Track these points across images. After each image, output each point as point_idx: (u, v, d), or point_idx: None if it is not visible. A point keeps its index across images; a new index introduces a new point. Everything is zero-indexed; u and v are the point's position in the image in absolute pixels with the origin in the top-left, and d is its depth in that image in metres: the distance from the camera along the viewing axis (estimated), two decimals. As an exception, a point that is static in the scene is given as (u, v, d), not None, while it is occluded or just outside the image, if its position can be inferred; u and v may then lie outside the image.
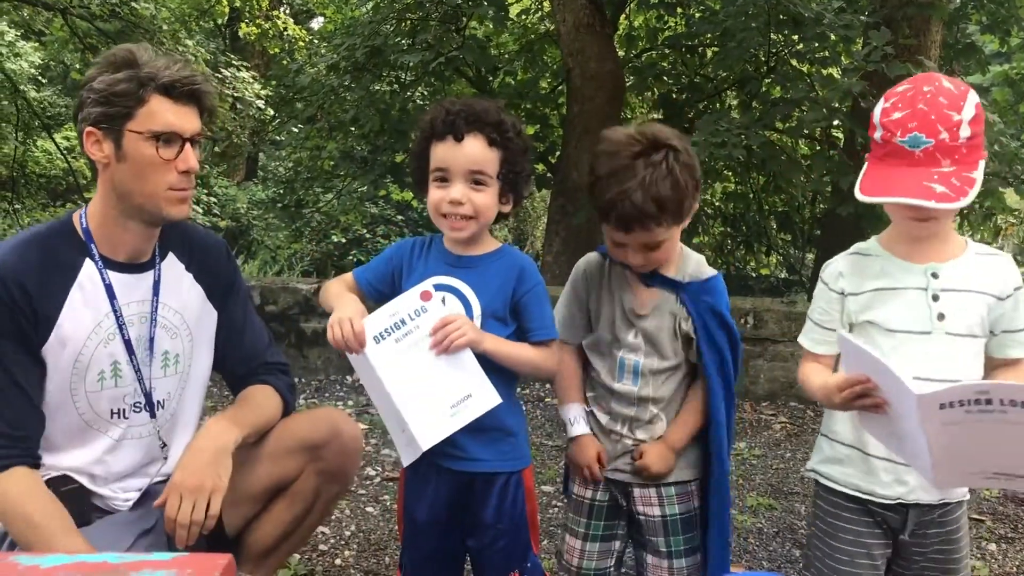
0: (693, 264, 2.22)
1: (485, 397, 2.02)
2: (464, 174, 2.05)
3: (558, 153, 8.36)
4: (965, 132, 1.81)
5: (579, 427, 2.25)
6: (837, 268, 2.08)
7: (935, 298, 1.93)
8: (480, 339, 2.01)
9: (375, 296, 2.20)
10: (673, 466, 2.19)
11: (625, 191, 2.01)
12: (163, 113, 1.98)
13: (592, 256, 2.32)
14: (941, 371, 1.89)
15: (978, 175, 1.82)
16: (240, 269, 2.42)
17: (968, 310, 1.93)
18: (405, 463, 2.09)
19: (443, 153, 2.06)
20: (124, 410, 2.14)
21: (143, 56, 2.00)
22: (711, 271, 2.23)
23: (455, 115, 2.04)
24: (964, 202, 1.78)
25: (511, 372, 2.14)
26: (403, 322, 1.99)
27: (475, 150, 2.04)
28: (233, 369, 2.36)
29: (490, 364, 2.04)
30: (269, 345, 2.41)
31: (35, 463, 2.01)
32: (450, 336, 1.97)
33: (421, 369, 1.99)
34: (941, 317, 1.92)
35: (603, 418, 2.25)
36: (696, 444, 2.24)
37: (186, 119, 2.02)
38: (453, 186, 2.05)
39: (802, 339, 2.16)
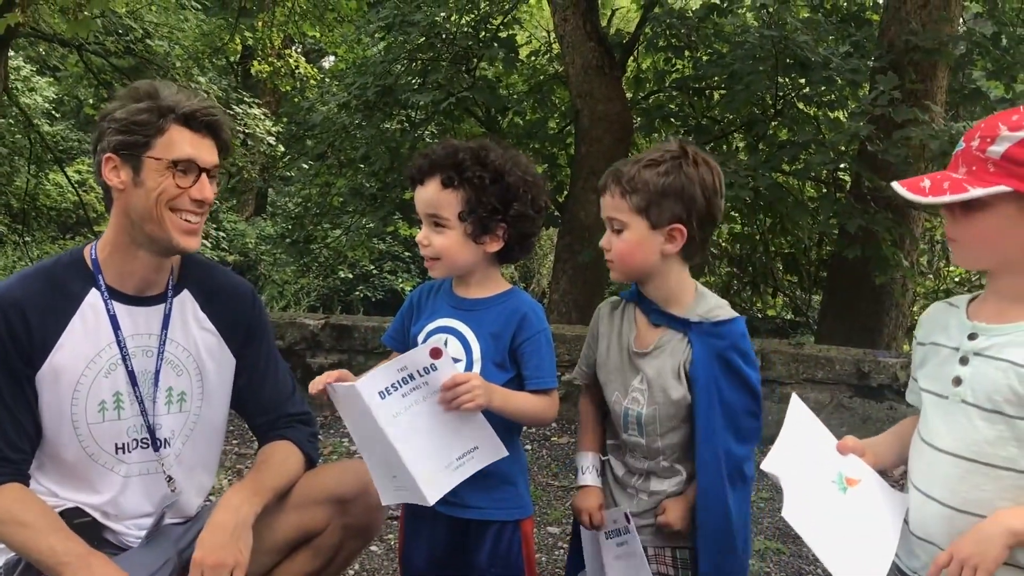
0: (708, 305, 2.09)
1: (490, 450, 2.02)
2: (425, 217, 2.10)
3: (566, 192, 8.41)
4: (999, 148, 1.59)
5: (586, 477, 2.20)
6: (923, 314, 1.90)
7: (963, 361, 1.70)
8: (489, 400, 1.98)
9: (402, 349, 2.23)
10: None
11: (628, 160, 2.07)
12: (181, 143, 2.02)
13: (612, 299, 2.27)
14: (952, 445, 1.70)
15: (981, 193, 1.59)
16: (267, 317, 2.39)
17: (991, 380, 1.64)
18: (385, 501, 2.07)
19: (415, 197, 2.13)
20: (127, 444, 2.13)
21: (164, 90, 2.05)
22: (728, 313, 2.09)
23: (420, 159, 2.11)
24: (924, 200, 1.65)
25: (508, 421, 2.12)
26: (411, 377, 1.95)
27: (429, 193, 2.08)
28: (253, 418, 2.36)
29: (494, 414, 2.03)
30: (292, 394, 2.38)
31: (26, 481, 2.06)
32: (460, 399, 1.94)
33: (427, 423, 1.96)
34: (957, 382, 1.70)
35: (619, 470, 2.18)
36: None
37: (204, 150, 2.06)
38: (422, 229, 2.11)
39: None
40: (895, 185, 1.70)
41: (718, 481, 2.03)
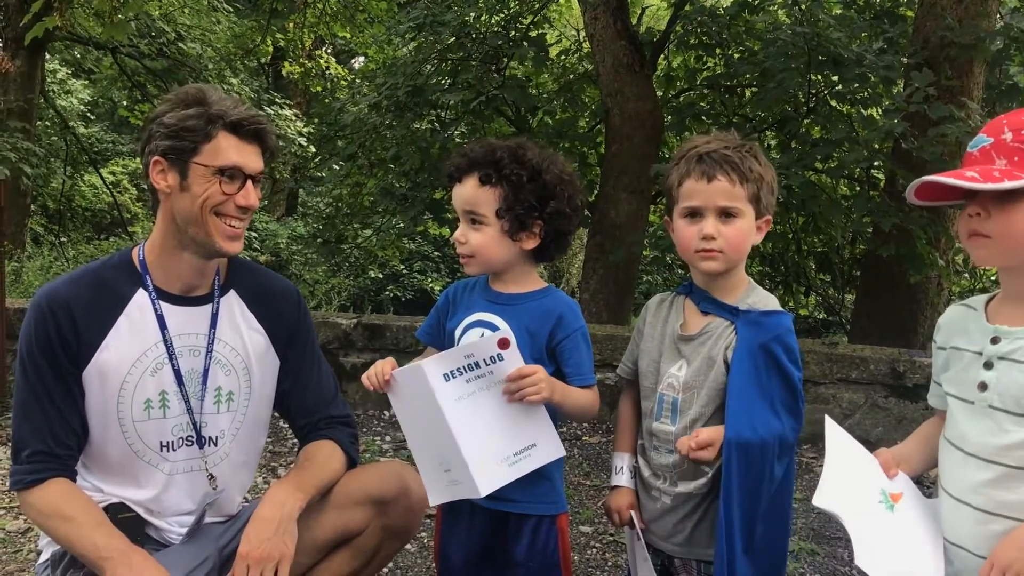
0: (757, 296, 2.07)
1: (550, 449, 2.03)
2: (462, 214, 2.13)
3: (596, 192, 8.38)
4: None
5: (619, 478, 2.19)
6: (941, 318, 1.90)
7: (987, 365, 1.70)
8: (552, 394, 2.01)
9: (435, 343, 2.27)
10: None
11: (709, 143, 2.03)
12: (228, 150, 2.04)
13: (660, 294, 2.25)
14: (982, 449, 1.69)
15: None
16: (311, 320, 2.41)
17: (1018, 384, 1.64)
18: (433, 502, 2.09)
19: (452, 195, 2.16)
20: (173, 443, 2.16)
21: (212, 95, 2.07)
22: (777, 307, 2.06)
23: (459, 158, 2.14)
24: (990, 187, 1.59)
25: (554, 415, 2.14)
26: (477, 365, 1.97)
27: (467, 190, 2.11)
28: (296, 420, 2.38)
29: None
30: (334, 397, 2.40)
31: (72, 477, 2.11)
32: (525, 391, 1.97)
33: (487, 413, 1.98)
34: (983, 387, 1.69)
35: (645, 471, 2.15)
36: None
37: (250, 157, 2.08)
38: (460, 226, 2.14)
39: None
40: (939, 178, 1.68)
41: (736, 468, 1.95)
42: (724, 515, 1.95)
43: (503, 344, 1.96)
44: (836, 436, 1.91)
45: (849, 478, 1.84)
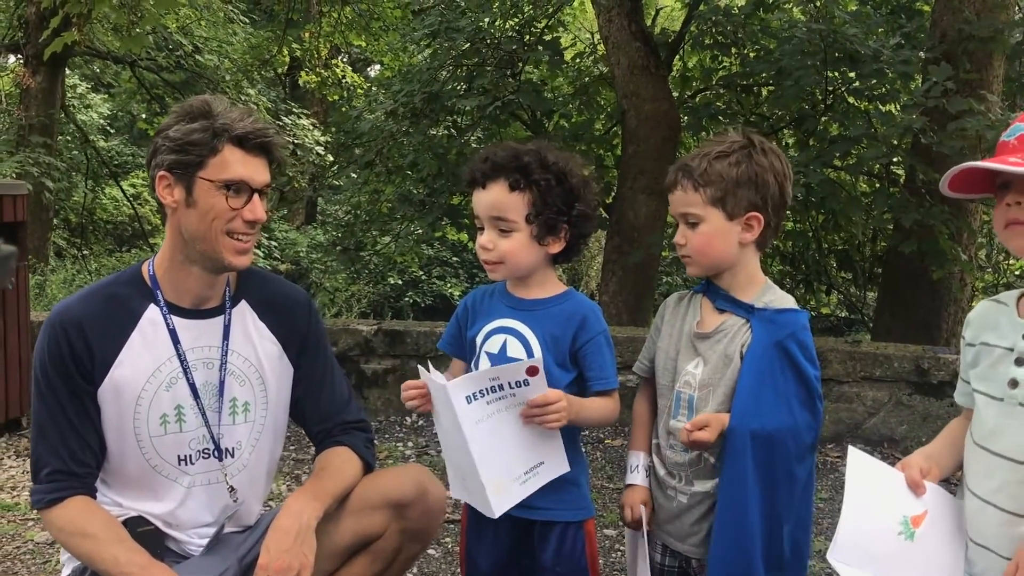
0: (774, 295, 2.07)
1: (556, 465, 2.06)
2: (488, 220, 2.09)
3: (613, 194, 8.36)
4: None
5: (634, 476, 2.19)
6: (970, 313, 1.87)
7: (1019, 362, 1.66)
8: (570, 416, 2.01)
9: (458, 353, 2.28)
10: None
11: (693, 155, 2.04)
12: (235, 164, 2.01)
13: (679, 292, 2.26)
14: (1011, 449, 1.65)
15: None
16: (323, 326, 2.39)
17: None
18: (454, 495, 2.16)
19: (475, 200, 2.12)
20: (191, 456, 2.16)
21: (218, 107, 2.04)
22: (793, 305, 2.05)
23: (482, 162, 2.10)
24: None
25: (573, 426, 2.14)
26: (501, 387, 1.97)
27: (495, 196, 2.07)
28: (310, 426, 2.37)
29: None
30: (348, 402, 2.38)
31: (91, 494, 2.10)
32: (547, 419, 1.97)
33: (506, 435, 2.00)
34: (1014, 384, 1.65)
35: (660, 470, 2.15)
36: None
37: (256, 170, 2.05)
38: (484, 232, 2.11)
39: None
40: (984, 164, 1.65)
41: (742, 462, 1.94)
42: (733, 518, 1.94)
43: (532, 371, 1.95)
44: (857, 471, 1.83)
45: (868, 522, 1.78)
